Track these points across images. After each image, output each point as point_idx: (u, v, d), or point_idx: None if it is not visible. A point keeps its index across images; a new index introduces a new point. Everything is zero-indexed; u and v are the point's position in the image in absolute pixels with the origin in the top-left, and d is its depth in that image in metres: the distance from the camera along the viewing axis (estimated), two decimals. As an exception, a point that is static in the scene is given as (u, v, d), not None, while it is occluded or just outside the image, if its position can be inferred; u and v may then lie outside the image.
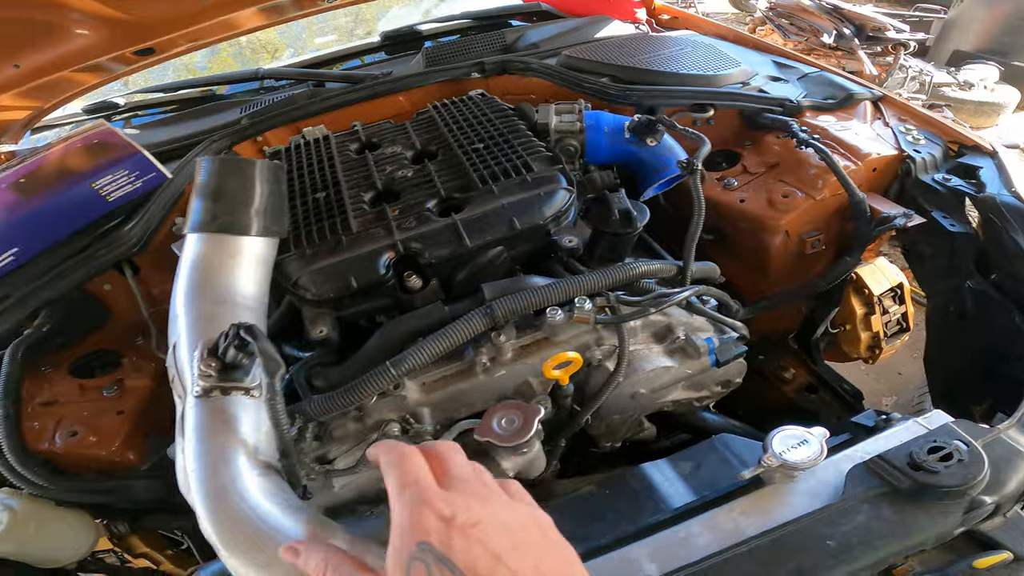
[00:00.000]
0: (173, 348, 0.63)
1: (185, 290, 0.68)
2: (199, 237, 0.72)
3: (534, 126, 1.08)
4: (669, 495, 0.72)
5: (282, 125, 1.31)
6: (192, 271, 0.70)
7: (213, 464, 0.52)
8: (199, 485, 0.51)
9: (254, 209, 0.73)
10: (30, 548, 0.85)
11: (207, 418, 0.55)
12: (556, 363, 0.72)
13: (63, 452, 0.87)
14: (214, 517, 0.49)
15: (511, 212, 0.85)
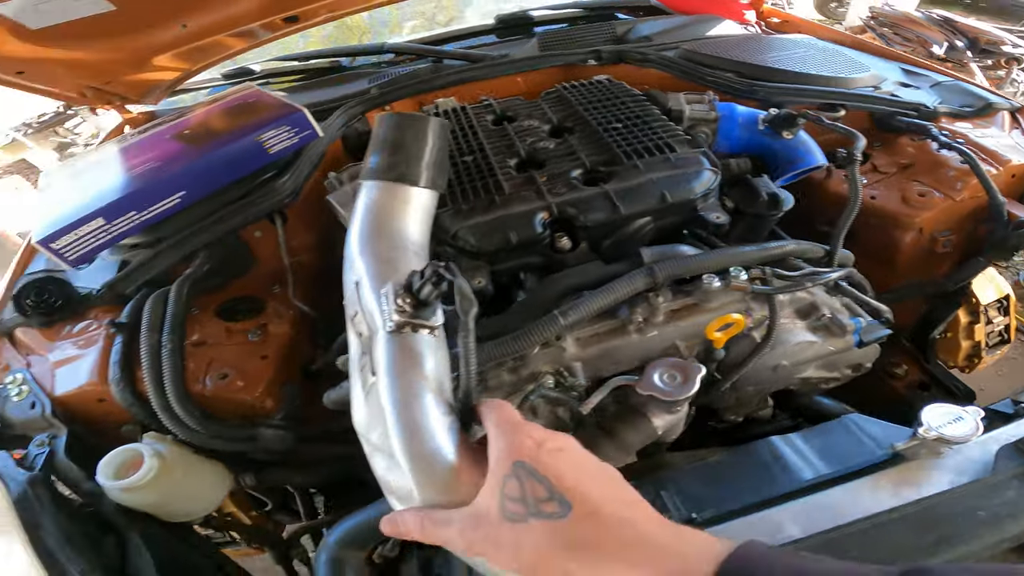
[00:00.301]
0: (356, 286, 0.63)
1: (361, 233, 0.69)
2: (375, 184, 0.74)
3: (668, 112, 1.11)
4: (801, 467, 0.72)
5: (407, 97, 1.38)
6: (368, 215, 0.71)
7: (406, 400, 0.52)
8: (396, 419, 0.50)
9: (424, 162, 0.75)
10: (172, 499, 0.83)
11: (399, 354, 0.55)
12: (719, 324, 0.74)
13: (211, 395, 0.88)
14: (410, 453, 0.49)
15: (662, 186, 0.88)
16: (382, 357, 0.54)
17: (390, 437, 0.50)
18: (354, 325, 0.61)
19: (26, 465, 0.79)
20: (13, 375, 0.89)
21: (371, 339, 0.57)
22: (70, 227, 0.88)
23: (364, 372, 0.56)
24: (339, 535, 0.77)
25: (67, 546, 0.69)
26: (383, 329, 0.56)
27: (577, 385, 0.77)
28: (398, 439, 0.49)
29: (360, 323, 0.61)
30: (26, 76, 1.09)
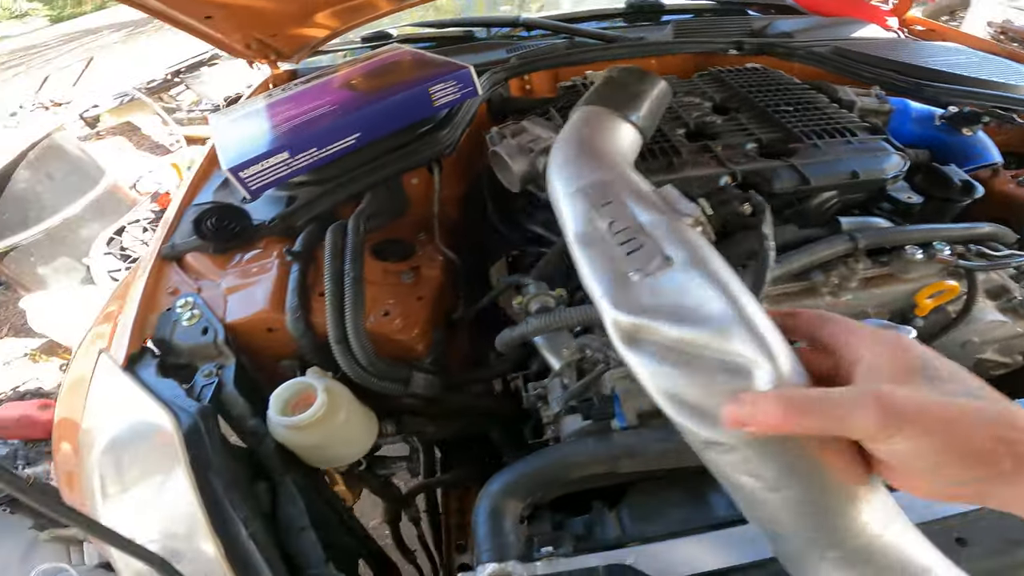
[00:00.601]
0: (600, 183, 0.57)
1: (587, 139, 0.66)
2: (597, 109, 0.71)
3: (838, 101, 1.08)
4: None
5: (544, 69, 1.39)
6: (594, 131, 0.68)
7: (729, 280, 0.44)
8: (717, 289, 0.42)
9: (644, 111, 0.74)
10: (332, 441, 0.79)
11: (702, 242, 0.49)
12: (931, 291, 0.73)
13: (371, 332, 0.87)
14: (760, 329, 0.41)
15: (852, 164, 0.86)
16: (680, 244, 0.47)
17: (713, 312, 0.41)
18: (596, 213, 0.54)
19: (193, 397, 0.76)
20: (185, 299, 0.89)
21: (641, 227, 0.50)
22: (258, 158, 0.92)
23: (638, 254, 0.48)
24: (502, 484, 0.76)
25: (233, 489, 0.66)
26: (670, 220, 0.50)
27: None
28: (736, 309, 0.41)
29: (609, 211, 0.53)
30: (212, 22, 1.15)
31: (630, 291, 0.46)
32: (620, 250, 0.49)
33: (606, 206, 0.54)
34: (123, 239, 2.64)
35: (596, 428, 0.76)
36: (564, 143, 0.68)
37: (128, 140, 4.24)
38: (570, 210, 0.57)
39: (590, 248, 0.52)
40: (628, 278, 0.46)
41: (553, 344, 0.76)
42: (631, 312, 0.44)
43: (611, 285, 0.47)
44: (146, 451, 0.73)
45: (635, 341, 0.44)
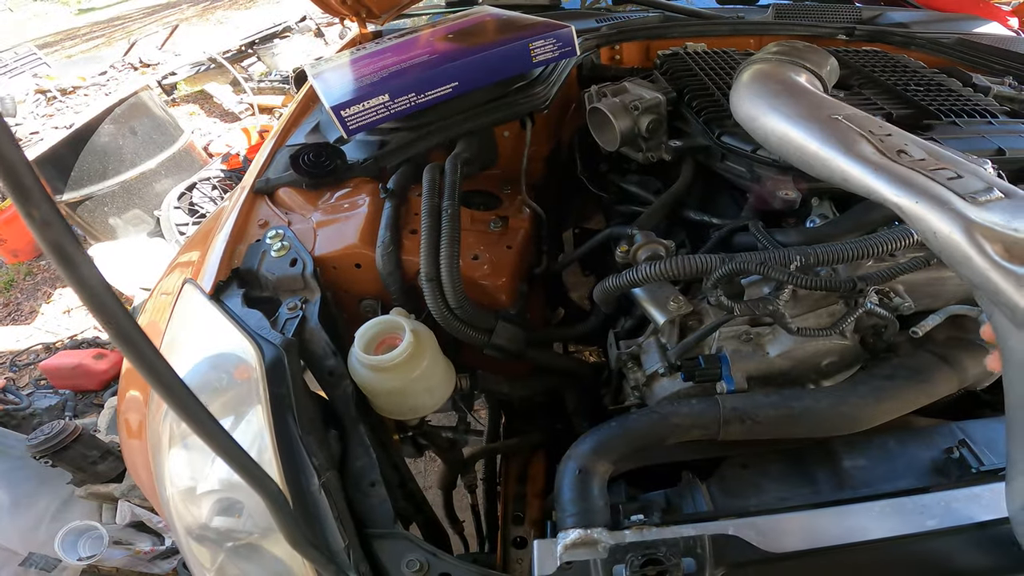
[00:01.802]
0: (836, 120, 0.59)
1: (799, 85, 0.67)
2: (788, 60, 0.73)
3: (972, 86, 0.99)
4: None
5: (636, 40, 1.36)
6: (796, 76, 0.70)
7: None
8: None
9: (824, 69, 0.75)
10: (413, 387, 0.74)
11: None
12: None
13: (462, 274, 0.83)
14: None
15: (997, 141, 0.79)
16: (1002, 186, 0.46)
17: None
18: (881, 139, 0.55)
19: (277, 330, 0.72)
20: (275, 230, 0.87)
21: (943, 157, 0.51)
22: (360, 98, 0.91)
23: (961, 181, 0.47)
24: (594, 444, 0.71)
25: (310, 434, 0.60)
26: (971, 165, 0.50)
27: (903, 307, 0.68)
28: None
29: (898, 140, 0.54)
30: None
31: (989, 211, 0.43)
32: (934, 176, 0.47)
33: (885, 136, 0.52)
34: (193, 195, 2.73)
35: (695, 392, 0.71)
36: (767, 84, 0.67)
37: (200, 107, 4.41)
38: (835, 136, 0.55)
39: (891, 171, 0.49)
40: (975, 199, 0.44)
41: (657, 298, 0.71)
42: (1008, 229, 0.42)
43: (958, 206, 0.44)
44: (224, 386, 0.69)
45: (1014, 259, 0.41)
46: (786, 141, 0.61)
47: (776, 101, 0.63)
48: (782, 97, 0.63)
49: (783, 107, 0.62)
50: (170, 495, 0.67)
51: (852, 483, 0.63)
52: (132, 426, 0.85)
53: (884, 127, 0.55)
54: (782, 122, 0.61)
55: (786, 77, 0.68)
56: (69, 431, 1.62)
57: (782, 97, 0.63)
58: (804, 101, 0.62)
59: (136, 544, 1.68)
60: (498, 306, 0.89)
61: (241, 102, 4.18)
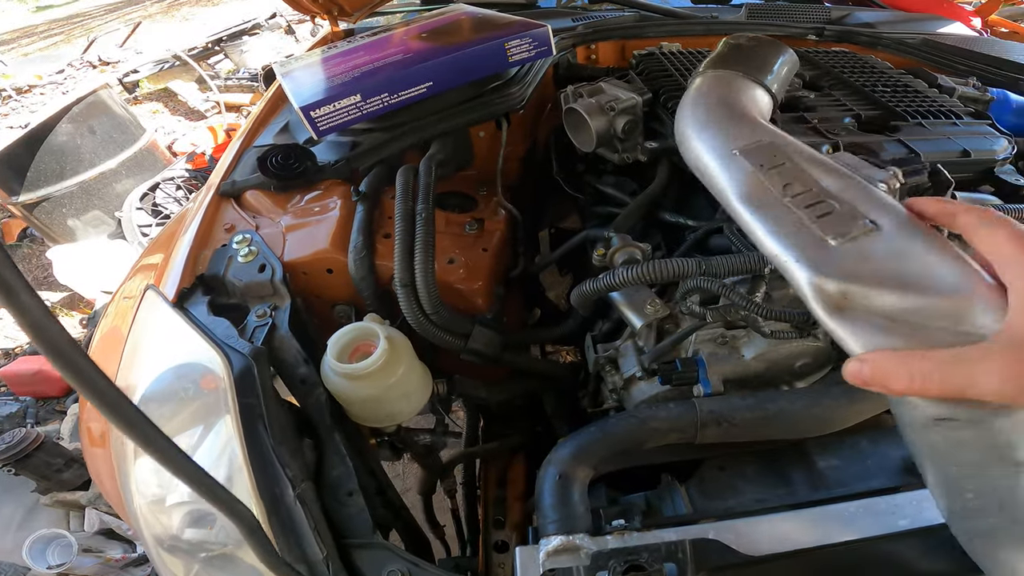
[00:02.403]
0: (768, 143, 0.56)
1: (729, 103, 0.64)
2: (729, 72, 0.70)
3: (937, 86, 1.02)
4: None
5: (613, 40, 1.36)
6: (732, 93, 0.67)
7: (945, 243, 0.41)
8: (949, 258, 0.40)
9: (776, 76, 0.72)
10: (388, 395, 0.72)
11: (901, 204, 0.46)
12: None
13: (436, 278, 0.81)
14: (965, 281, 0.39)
15: (962, 143, 0.81)
16: (884, 209, 0.45)
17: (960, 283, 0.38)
18: (768, 175, 0.52)
19: (245, 338, 0.69)
20: (242, 235, 0.84)
21: (825, 190, 0.48)
22: (331, 99, 0.89)
23: (833, 217, 0.46)
24: (574, 449, 0.71)
25: (283, 445, 0.59)
26: (860, 184, 0.48)
27: None
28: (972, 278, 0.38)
29: (787, 173, 0.52)
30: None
31: (832, 255, 0.43)
32: (806, 213, 0.46)
33: (776, 168, 0.51)
34: (156, 196, 2.64)
35: (673, 395, 0.71)
36: (700, 105, 0.64)
37: (164, 105, 4.27)
38: (729, 172, 0.54)
39: (765, 210, 0.49)
40: (825, 242, 0.43)
41: (634, 301, 0.71)
42: (839, 277, 0.41)
43: (806, 249, 0.44)
44: (189, 398, 0.66)
45: (844, 309, 0.41)
46: (701, 175, 0.60)
47: (699, 130, 0.61)
48: (708, 129, 0.60)
49: (704, 137, 0.60)
50: (138, 506, 0.64)
51: (827, 483, 0.64)
52: (94, 434, 0.81)
53: (784, 151, 0.52)
54: (701, 155, 0.59)
55: (723, 98, 0.65)
56: (31, 439, 1.57)
57: (708, 129, 0.60)
58: (721, 132, 0.59)
59: (107, 552, 1.64)
60: (475, 310, 0.87)
61: (207, 100, 4.06)
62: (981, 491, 0.37)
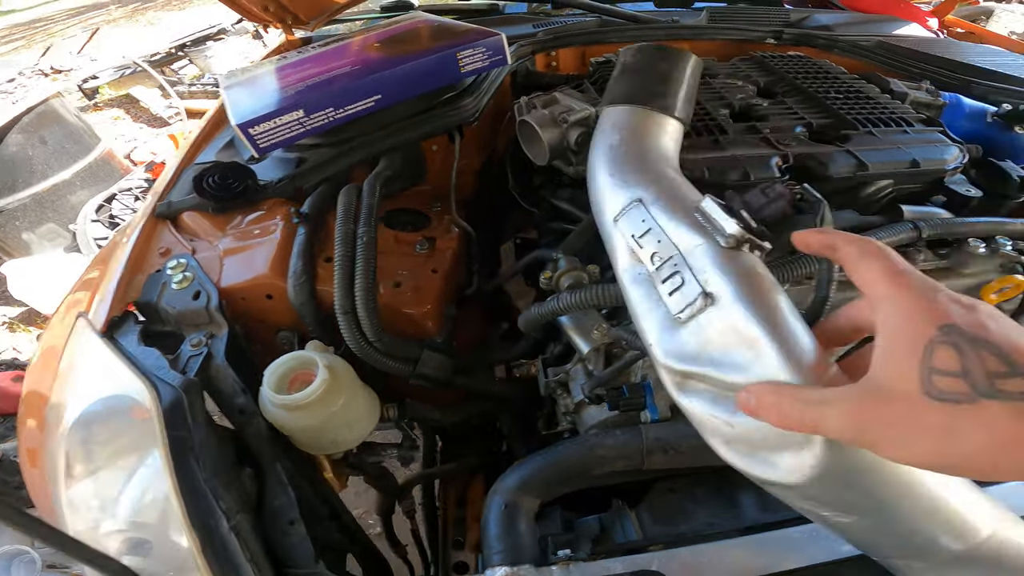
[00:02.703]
0: (639, 202, 0.55)
1: (624, 153, 0.62)
2: (631, 109, 0.67)
3: (890, 92, 1.01)
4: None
5: (573, 46, 1.34)
6: (628, 137, 0.65)
7: (771, 317, 0.42)
8: (764, 329, 0.41)
9: (682, 95, 0.69)
10: (331, 424, 0.71)
11: (743, 270, 0.46)
12: (999, 286, 0.69)
13: (382, 305, 0.80)
14: (794, 363, 0.39)
15: (912, 152, 0.80)
16: (722, 274, 0.44)
17: (763, 358, 0.40)
18: (637, 243, 0.52)
19: (178, 369, 0.68)
20: (177, 260, 0.81)
21: (682, 256, 0.47)
22: (271, 115, 0.85)
23: (680, 292, 0.46)
24: (519, 479, 0.69)
25: (216, 477, 0.58)
26: (709, 245, 0.47)
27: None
28: (778, 353, 0.39)
29: (651, 241, 0.51)
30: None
31: (677, 336, 0.45)
32: (664, 288, 0.47)
33: (646, 235, 0.51)
34: (112, 207, 2.56)
35: (622, 420, 0.69)
36: (597, 156, 0.63)
37: (126, 112, 4.14)
38: (615, 242, 0.55)
39: (637, 287, 0.50)
40: (675, 320, 0.45)
41: (582, 325, 0.69)
42: (680, 360, 0.44)
43: (659, 330, 0.46)
44: (120, 428, 0.65)
45: (686, 388, 0.44)
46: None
47: (593, 194, 0.60)
48: (595, 194, 0.59)
49: (594, 206, 0.59)
50: (73, 531, 0.62)
51: (774, 505, 0.63)
52: (33, 455, 0.76)
53: (652, 211, 0.52)
54: (598, 223, 0.59)
55: (615, 149, 0.62)
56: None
57: (595, 194, 0.59)
58: (603, 199, 0.58)
59: (72, 567, 1.58)
60: (424, 333, 0.85)
61: (170, 106, 3.95)
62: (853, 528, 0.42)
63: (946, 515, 0.40)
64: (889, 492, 0.39)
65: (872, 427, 0.32)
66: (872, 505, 0.40)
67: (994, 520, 0.41)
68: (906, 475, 0.39)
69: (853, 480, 0.39)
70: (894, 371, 0.31)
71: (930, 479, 0.40)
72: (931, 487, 0.39)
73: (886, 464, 0.39)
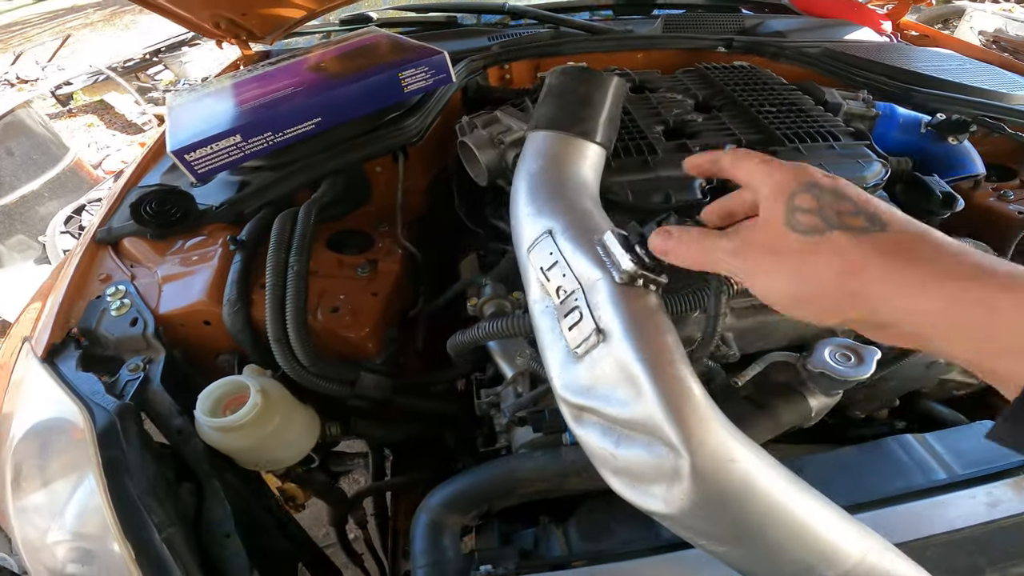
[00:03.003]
0: (549, 233, 0.55)
1: (542, 181, 0.63)
2: (552, 135, 0.68)
3: (824, 103, 1.03)
4: (935, 467, 0.68)
5: (528, 59, 1.34)
6: (548, 164, 0.65)
7: (657, 357, 0.43)
8: (645, 368, 0.42)
9: (603, 119, 0.70)
10: (267, 444, 0.73)
11: (635, 306, 0.47)
12: None
13: (319, 329, 0.82)
14: (680, 407, 0.41)
15: (832, 170, 0.81)
16: (613, 308, 0.46)
17: (644, 390, 0.41)
18: (545, 276, 0.53)
19: (115, 393, 0.71)
20: (115, 286, 0.83)
21: (582, 291, 0.49)
22: (207, 140, 0.86)
23: (578, 327, 0.47)
24: (443, 498, 0.71)
25: (150, 494, 0.61)
26: (606, 280, 0.48)
27: (730, 356, 0.71)
28: (654, 391, 0.41)
29: (557, 275, 0.52)
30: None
31: (573, 370, 0.47)
32: (565, 322, 0.49)
33: (553, 268, 0.52)
34: (82, 218, 2.54)
35: (551, 440, 0.71)
36: (530, 174, 0.64)
37: (100, 119, 4.10)
38: (528, 273, 0.56)
39: (543, 320, 0.52)
40: (573, 355, 0.47)
41: (507, 351, 0.71)
42: (575, 394, 0.46)
43: (559, 364, 0.48)
44: (61, 447, 0.69)
45: (581, 420, 0.46)
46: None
47: (514, 219, 0.60)
48: (521, 221, 0.59)
49: (513, 237, 0.60)
50: (23, 539, 0.67)
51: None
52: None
53: (559, 243, 0.52)
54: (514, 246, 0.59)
55: (536, 176, 0.62)
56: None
57: (521, 221, 0.59)
58: (521, 228, 0.58)
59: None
60: (365, 355, 0.86)
61: (144, 113, 3.92)
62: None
63: (814, 542, 0.42)
64: (755, 521, 0.41)
65: (748, 256, 0.38)
66: (742, 534, 0.42)
67: (863, 545, 0.43)
68: (771, 503, 0.41)
69: (721, 510, 0.41)
70: (766, 214, 0.37)
71: (795, 506, 0.41)
72: (796, 515, 0.41)
73: (752, 493, 0.41)
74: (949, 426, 0.85)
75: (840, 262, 0.33)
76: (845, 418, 0.90)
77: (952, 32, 4.10)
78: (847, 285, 0.33)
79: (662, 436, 0.40)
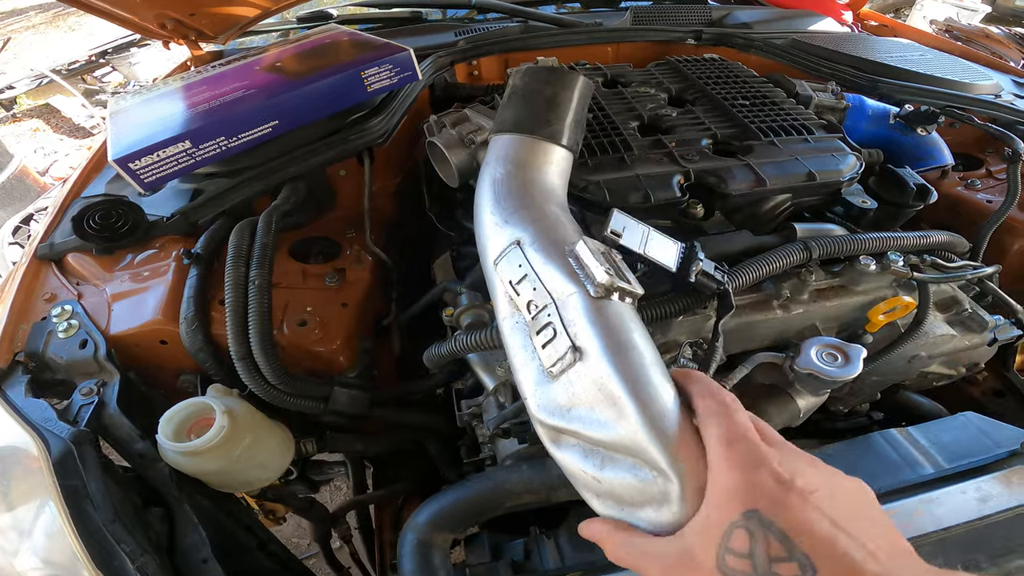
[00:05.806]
0: (517, 244, 0.53)
1: (509, 189, 0.60)
2: (516, 139, 0.65)
3: (795, 96, 1.03)
4: (922, 462, 0.68)
5: (496, 54, 1.31)
6: (513, 170, 0.62)
7: (634, 376, 0.42)
8: (626, 387, 0.40)
9: (568, 121, 0.67)
10: (238, 466, 0.70)
11: (611, 321, 0.45)
12: (887, 307, 0.70)
13: (286, 344, 0.78)
14: (653, 424, 0.40)
15: (809, 164, 0.81)
16: (590, 327, 0.44)
17: (622, 403, 0.40)
18: (515, 289, 0.50)
19: (69, 419, 0.66)
20: (61, 307, 0.77)
21: (555, 306, 0.46)
22: (153, 148, 0.79)
23: (552, 345, 0.45)
24: (430, 516, 0.68)
25: (116, 521, 0.57)
26: (581, 295, 0.46)
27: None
28: (633, 407, 0.39)
29: (527, 288, 0.49)
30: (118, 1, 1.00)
31: (549, 390, 0.44)
32: (539, 339, 0.46)
33: (523, 281, 0.49)
34: (31, 228, 2.39)
35: (537, 450, 0.68)
36: (495, 180, 0.60)
37: (46, 123, 3.87)
38: (495, 287, 0.53)
39: (514, 336, 0.49)
40: (548, 374, 0.45)
41: (487, 361, 0.68)
42: (552, 415, 0.43)
43: (534, 384, 0.46)
44: (19, 475, 0.65)
45: (559, 442, 0.44)
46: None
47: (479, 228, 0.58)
48: (486, 230, 0.57)
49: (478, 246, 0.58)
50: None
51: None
52: None
53: (528, 254, 0.50)
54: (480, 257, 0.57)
55: (502, 182, 0.60)
56: None
57: (486, 230, 0.57)
58: (486, 237, 0.56)
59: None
60: (337, 369, 0.82)
61: (92, 116, 3.72)
62: None
63: None
64: None
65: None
66: None
67: None
68: None
69: None
70: (701, 542, 0.36)
71: None
72: None
73: None
74: (929, 416, 0.86)
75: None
76: (828, 412, 0.90)
77: (904, 21, 4.22)
78: None
79: (648, 459, 0.38)
